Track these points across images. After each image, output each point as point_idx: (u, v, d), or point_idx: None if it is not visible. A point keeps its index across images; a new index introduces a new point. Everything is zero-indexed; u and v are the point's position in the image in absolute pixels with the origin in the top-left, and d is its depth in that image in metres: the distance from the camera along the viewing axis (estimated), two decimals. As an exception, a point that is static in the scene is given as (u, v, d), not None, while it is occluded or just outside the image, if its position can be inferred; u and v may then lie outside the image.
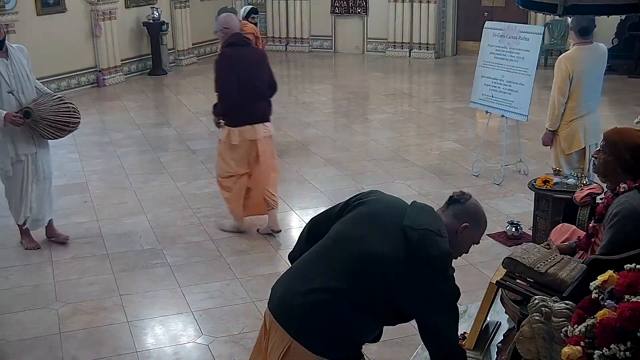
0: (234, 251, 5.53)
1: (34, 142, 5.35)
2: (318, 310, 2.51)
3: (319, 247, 2.66)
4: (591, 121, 5.65)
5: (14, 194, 5.44)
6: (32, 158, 5.38)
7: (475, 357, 3.55)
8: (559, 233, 3.89)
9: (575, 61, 5.48)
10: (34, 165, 5.40)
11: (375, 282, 2.48)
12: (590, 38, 5.58)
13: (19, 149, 5.28)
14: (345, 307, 2.49)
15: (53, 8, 11.02)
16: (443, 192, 6.68)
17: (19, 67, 5.20)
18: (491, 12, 13.38)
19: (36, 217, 5.54)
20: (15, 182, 5.39)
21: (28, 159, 5.36)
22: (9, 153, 5.27)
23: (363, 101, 11.12)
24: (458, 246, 2.63)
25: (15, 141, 5.26)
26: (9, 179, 5.39)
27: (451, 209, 2.68)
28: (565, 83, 5.48)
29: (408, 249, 2.47)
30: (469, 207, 2.68)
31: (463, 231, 2.63)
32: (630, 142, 3.20)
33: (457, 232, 2.61)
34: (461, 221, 2.63)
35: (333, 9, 15.06)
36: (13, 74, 5.15)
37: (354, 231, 2.58)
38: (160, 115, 10.10)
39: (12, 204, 5.49)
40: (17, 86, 5.17)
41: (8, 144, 5.25)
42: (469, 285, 4.81)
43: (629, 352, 2.09)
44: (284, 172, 7.43)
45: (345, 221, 2.65)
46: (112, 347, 4.23)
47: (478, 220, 2.69)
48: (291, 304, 2.57)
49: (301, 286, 2.57)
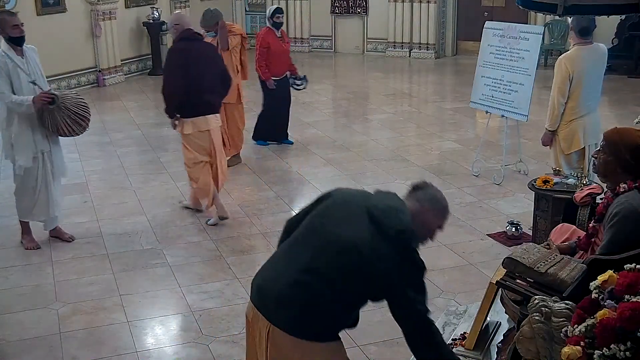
0: (234, 251, 5.53)
1: (48, 139, 5.39)
2: (293, 293, 2.63)
3: (291, 239, 2.82)
4: (591, 121, 5.64)
5: (24, 193, 5.43)
6: (48, 156, 5.41)
7: (475, 357, 3.55)
8: (559, 233, 3.89)
9: (575, 61, 5.47)
10: (50, 164, 5.44)
11: (345, 262, 2.60)
12: (590, 38, 5.58)
13: (37, 143, 5.33)
14: (318, 288, 2.61)
15: (53, 8, 11.03)
16: (443, 192, 6.68)
17: (34, 65, 5.30)
18: (491, 12, 13.38)
19: (54, 215, 5.58)
20: (29, 181, 5.39)
21: (44, 157, 5.38)
22: (32, 147, 5.30)
23: (363, 101, 11.12)
24: (422, 229, 2.75)
25: (35, 135, 5.30)
26: (23, 178, 5.38)
27: (414, 195, 2.82)
28: (565, 83, 5.48)
29: (373, 227, 2.61)
30: (430, 194, 2.83)
31: (426, 214, 2.76)
32: (630, 142, 3.20)
33: (420, 215, 2.73)
34: (423, 205, 2.76)
35: (333, 9, 15.07)
36: (29, 72, 5.24)
37: (323, 219, 2.74)
38: (160, 115, 10.03)
39: (22, 202, 5.47)
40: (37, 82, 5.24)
41: (29, 137, 5.28)
42: (469, 285, 4.82)
43: (629, 352, 2.09)
44: (284, 172, 7.45)
45: (313, 214, 2.80)
46: (112, 347, 4.23)
47: (440, 206, 2.82)
48: (268, 290, 2.72)
49: (276, 273, 2.74)
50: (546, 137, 5.75)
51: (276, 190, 6.86)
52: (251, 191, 6.89)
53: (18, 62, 5.17)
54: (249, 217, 6.19)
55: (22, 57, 5.22)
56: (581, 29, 5.47)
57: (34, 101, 5.14)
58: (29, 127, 5.27)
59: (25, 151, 5.29)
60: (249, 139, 8.16)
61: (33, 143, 5.30)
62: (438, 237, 2.91)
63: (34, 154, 5.32)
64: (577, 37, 5.53)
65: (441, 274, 5.00)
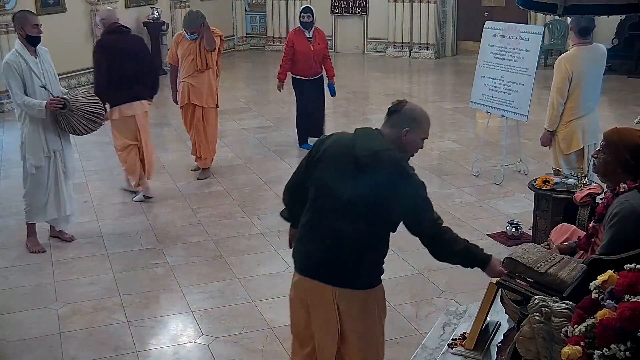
0: (234, 251, 5.53)
1: (60, 138, 5.40)
2: (343, 251, 2.90)
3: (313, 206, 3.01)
4: (590, 121, 5.64)
5: (36, 193, 5.41)
6: (60, 155, 5.42)
7: (475, 357, 3.56)
8: (559, 233, 3.89)
9: (575, 62, 5.47)
10: (63, 163, 5.45)
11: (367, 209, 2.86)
12: (590, 39, 5.58)
13: (49, 143, 5.33)
14: (361, 238, 2.89)
15: (53, 8, 11.04)
16: (443, 192, 6.70)
17: (47, 66, 5.33)
18: (491, 12, 13.38)
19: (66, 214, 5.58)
20: (41, 180, 5.38)
21: (56, 156, 5.39)
22: (42, 147, 5.30)
23: (363, 101, 11.12)
24: (408, 148, 3.00)
25: (47, 135, 5.31)
26: (34, 177, 5.37)
27: (390, 120, 2.99)
28: (565, 84, 5.48)
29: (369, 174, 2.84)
30: (406, 113, 2.98)
31: (406, 135, 2.96)
32: (630, 142, 3.19)
33: (401, 138, 2.95)
34: (401, 127, 2.95)
35: (333, 9, 15.06)
36: (42, 72, 5.25)
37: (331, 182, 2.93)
38: (160, 115, 10.09)
39: (31, 203, 5.44)
40: (47, 84, 5.26)
41: (41, 137, 5.29)
42: (469, 285, 4.82)
43: (629, 352, 2.09)
44: (284, 172, 7.44)
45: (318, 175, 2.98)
46: (112, 347, 4.23)
47: (417, 121, 2.99)
48: (320, 259, 2.95)
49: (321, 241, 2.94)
50: (545, 137, 5.74)
51: (276, 191, 6.86)
52: (251, 191, 6.89)
53: (31, 63, 5.19)
54: (249, 217, 6.19)
55: (36, 58, 5.24)
56: (581, 29, 5.46)
57: (46, 107, 5.16)
58: (41, 126, 5.28)
59: (36, 150, 5.29)
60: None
61: (45, 142, 5.30)
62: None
63: (46, 154, 5.33)
64: (576, 38, 5.53)
65: (441, 274, 5.00)
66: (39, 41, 5.26)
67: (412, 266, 5.12)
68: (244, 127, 9.33)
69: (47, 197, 5.42)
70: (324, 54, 8.07)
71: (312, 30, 7.95)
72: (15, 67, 5.11)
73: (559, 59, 5.61)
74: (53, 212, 5.49)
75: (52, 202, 5.45)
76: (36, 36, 5.22)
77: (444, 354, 3.70)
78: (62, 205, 5.50)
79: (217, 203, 6.52)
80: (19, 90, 5.13)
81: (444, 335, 3.98)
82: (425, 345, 3.90)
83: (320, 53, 8.02)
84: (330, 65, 8.20)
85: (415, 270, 5.08)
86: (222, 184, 7.07)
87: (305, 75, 8.00)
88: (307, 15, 7.89)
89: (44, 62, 5.31)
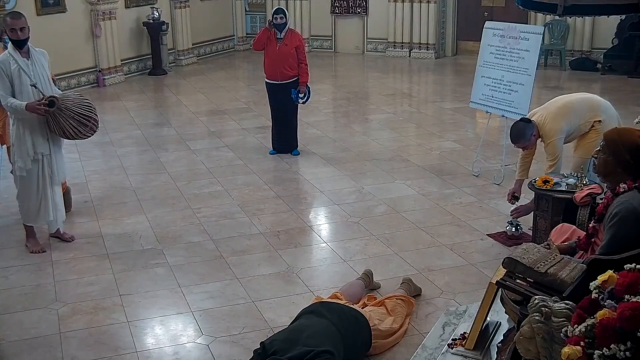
0: (234, 251, 5.53)
1: (49, 142, 5.36)
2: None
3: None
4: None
5: (28, 196, 5.41)
6: (48, 160, 5.38)
7: (475, 357, 3.56)
8: (559, 233, 3.90)
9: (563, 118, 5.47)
10: (49, 167, 5.40)
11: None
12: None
13: (36, 146, 5.30)
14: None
15: (53, 8, 11.03)
16: (443, 192, 6.69)
17: (40, 68, 5.26)
18: (491, 12, 13.39)
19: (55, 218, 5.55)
20: (30, 184, 5.37)
21: (43, 160, 5.36)
22: (28, 150, 5.27)
23: (363, 101, 11.12)
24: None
25: (34, 137, 5.27)
26: (24, 180, 5.37)
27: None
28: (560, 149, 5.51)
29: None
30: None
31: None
32: (630, 142, 3.20)
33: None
34: None
35: (333, 9, 15.06)
36: (33, 74, 5.20)
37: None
38: (160, 115, 10.10)
39: (25, 206, 5.45)
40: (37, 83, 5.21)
41: (27, 140, 5.26)
42: (469, 285, 4.82)
43: (629, 352, 2.09)
44: (284, 172, 7.44)
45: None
46: (112, 347, 4.22)
47: None
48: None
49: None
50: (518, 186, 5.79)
51: (276, 191, 6.86)
52: (251, 191, 6.89)
53: (22, 64, 5.14)
54: (249, 217, 6.19)
55: (28, 60, 5.19)
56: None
57: (27, 109, 5.09)
58: (28, 129, 5.24)
59: (22, 152, 5.27)
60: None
61: (32, 145, 5.26)
62: (438, 237, 2.91)
63: (33, 156, 5.29)
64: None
65: (441, 274, 5.00)
66: (23, 44, 5.16)
67: (412, 266, 5.12)
68: (244, 127, 9.32)
69: (39, 201, 5.41)
70: (298, 58, 7.75)
71: (284, 31, 7.71)
72: (2, 67, 5.07)
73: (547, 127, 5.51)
74: (45, 215, 5.48)
75: (43, 207, 5.43)
76: (17, 39, 5.12)
77: (444, 354, 3.71)
78: (51, 209, 5.46)
79: (217, 203, 6.52)
80: (5, 92, 5.09)
81: (444, 335, 3.98)
82: (425, 345, 3.91)
83: (287, 55, 7.68)
84: (304, 70, 7.76)
85: (415, 270, 5.08)
86: (222, 184, 7.07)
87: (273, 78, 7.76)
88: (279, 16, 7.69)
89: (36, 65, 5.22)
